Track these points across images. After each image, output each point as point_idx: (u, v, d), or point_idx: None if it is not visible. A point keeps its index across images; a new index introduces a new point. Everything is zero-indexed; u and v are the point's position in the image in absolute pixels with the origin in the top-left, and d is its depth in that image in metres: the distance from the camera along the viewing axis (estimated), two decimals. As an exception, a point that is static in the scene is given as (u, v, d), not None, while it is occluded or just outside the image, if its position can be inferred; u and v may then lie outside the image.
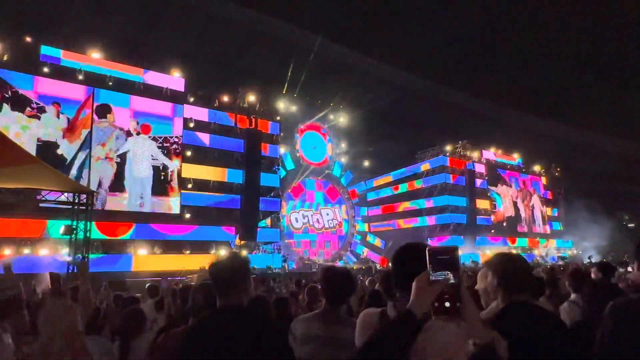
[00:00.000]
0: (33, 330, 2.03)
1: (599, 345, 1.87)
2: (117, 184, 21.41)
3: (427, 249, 1.15)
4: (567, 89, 41.22)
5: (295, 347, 2.26)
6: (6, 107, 18.90)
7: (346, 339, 2.03)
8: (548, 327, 1.83)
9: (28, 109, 19.36)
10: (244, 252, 23.81)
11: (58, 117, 20.01)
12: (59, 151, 19.63)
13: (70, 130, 19.80)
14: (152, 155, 22.62)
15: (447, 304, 1.09)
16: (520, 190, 39.06)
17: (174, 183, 23.06)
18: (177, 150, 23.40)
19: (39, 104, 19.62)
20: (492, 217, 35.52)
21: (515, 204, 38.21)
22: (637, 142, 41.24)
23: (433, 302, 1.10)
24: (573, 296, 3.40)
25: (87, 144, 14.97)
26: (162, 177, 22.76)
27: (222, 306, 1.74)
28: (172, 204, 22.86)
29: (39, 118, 19.59)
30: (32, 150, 16.98)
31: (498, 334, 1.13)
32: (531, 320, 1.55)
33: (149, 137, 22.69)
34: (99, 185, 20.77)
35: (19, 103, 19.20)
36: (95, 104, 21.15)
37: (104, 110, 21.54)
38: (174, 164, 23.21)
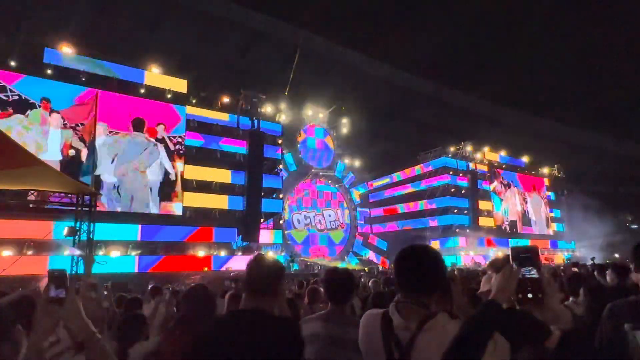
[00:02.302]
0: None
1: (599, 347, 1.88)
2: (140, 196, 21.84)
3: (510, 247, 1.33)
4: (571, 90, 41.14)
5: None
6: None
7: (351, 339, 2.05)
8: (521, 329, 1.84)
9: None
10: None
11: (50, 114, 19.88)
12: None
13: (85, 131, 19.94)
14: (160, 161, 22.80)
15: (530, 295, 1.23)
16: (522, 192, 39.00)
17: (178, 187, 23.12)
18: (181, 152, 23.48)
19: (29, 100, 19.37)
20: (494, 219, 35.49)
21: (517, 205, 38.15)
22: (640, 143, 41.14)
23: (517, 293, 1.23)
24: (570, 299, 3.40)
25: (92, 147, 15.02)
26: (169, 183, 22.87)
27: (248, 308, 1.73)
28: (176, 206, 22.94)
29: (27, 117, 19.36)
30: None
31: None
32: (504, 323, 1.58)
33: (157, 140, 22.87)
34: (132, 200, 21.28)
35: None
36: (132, 117, 21.63)
37: (140, 124, 21.96)
38: (177, 166, 23.28)
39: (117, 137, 21.49)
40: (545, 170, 42.09)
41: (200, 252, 22.59)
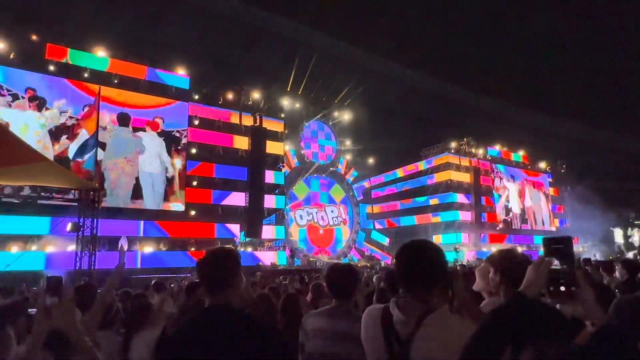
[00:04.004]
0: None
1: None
2: (136, 192, 21.68)
3: (542, 238, 1.27)
4: (574, 85, 40.96)
5: (306, 341, 2.32)
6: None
7: (354, 334, 2.07)
8: (550, 323, 1.85)
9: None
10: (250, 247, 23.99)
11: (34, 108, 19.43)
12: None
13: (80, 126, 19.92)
14: (159, 155, 22.77)
15: (562, 288, 1.17)
16: (525, 187, 38.90)
17: (176, 184, 23.10)
18: (184, 146, 23.47)
19: (10, 91, 18.92)
20: (496, 215, 35.44)
21: (520, 201, 38.06)
22: (644, 139, 40.90)
23: (548, 286, 1.18)
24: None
25: (93, 143, 15.02)
26: (170, 177, 22.84)
27: (208, 306, 1.68)
28: (179, 202, 22.98)
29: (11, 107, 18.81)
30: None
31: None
32: (533, 316, 1.58)
33: (158, 133, 22.82)
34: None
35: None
36: (116, 113, 21.48)
37: (124, 119, 21.73)
38: (175, 163, 23.22)
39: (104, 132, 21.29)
40: (549, 166, 41.96)
41: (203, 248, 22.66)
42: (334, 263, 2.83)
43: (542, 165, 41.46)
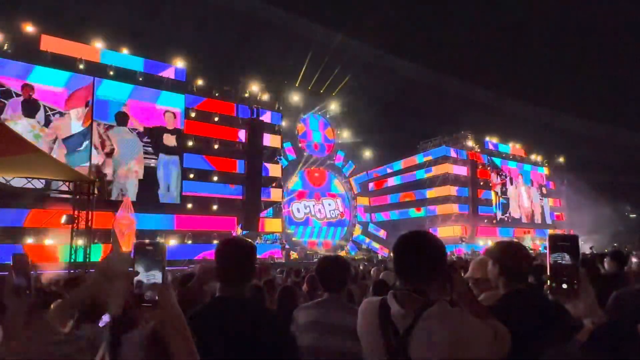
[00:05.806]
0: None
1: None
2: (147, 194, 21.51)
3: (548, 235, 1.23)
4: (571, 79, 40.94)
5: (297, 334, 2.28)
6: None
7: (347, 326, 2.03)
8: (548, 315, 1.83)
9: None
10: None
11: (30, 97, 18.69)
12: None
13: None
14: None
15: (564, 285, 1.15)
16: (522, 181, 38.98)
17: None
18: (180, 141, 23.33)
19: (2, 87, 18.09)
20: (494, 209, 35.54)
21: (517, 194, 38.15)
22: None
23: (550, 282, 1.16)
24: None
25: (87, 135, 14.91)
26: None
27: (222, 296, 1.66)
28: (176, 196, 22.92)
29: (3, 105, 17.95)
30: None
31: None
32: (532, 308, 1.55)
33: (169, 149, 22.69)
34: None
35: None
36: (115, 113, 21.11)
37: (123, 118, 21.36)
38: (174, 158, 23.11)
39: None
40: (545, 159, 42.04)
41: (200, 241, 22.65)
42: (323, 256, 2.80)
43: (539, 158, 41.54)
